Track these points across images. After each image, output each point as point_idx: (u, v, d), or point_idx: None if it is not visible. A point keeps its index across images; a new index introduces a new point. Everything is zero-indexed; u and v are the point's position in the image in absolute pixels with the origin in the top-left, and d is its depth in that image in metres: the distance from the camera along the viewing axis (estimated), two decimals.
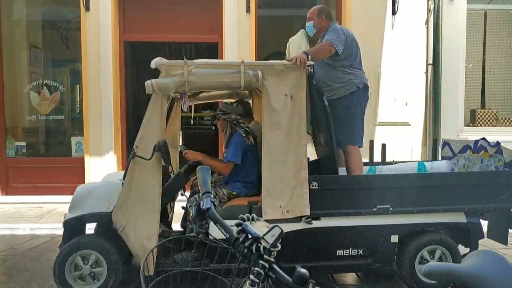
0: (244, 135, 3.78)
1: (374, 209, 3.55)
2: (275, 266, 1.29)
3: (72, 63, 7.45)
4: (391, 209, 3.56)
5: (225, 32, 6.66)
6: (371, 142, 5.18)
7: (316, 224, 3.52)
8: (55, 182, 6.70)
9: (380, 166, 4.30)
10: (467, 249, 3.81)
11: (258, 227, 1.34)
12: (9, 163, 6.86)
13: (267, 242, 1.27)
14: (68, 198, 5.03)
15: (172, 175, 3.83)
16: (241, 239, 1.32)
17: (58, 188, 6.47)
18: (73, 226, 3.59)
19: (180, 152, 3.99)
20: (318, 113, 3.78)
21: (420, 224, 3.69)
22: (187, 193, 3.92)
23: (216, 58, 6.84)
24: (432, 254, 3.71)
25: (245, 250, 1.31)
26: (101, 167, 6.56)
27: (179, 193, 3.78)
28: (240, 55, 6.63)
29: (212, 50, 7.08)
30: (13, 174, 6.85)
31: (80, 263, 3.49)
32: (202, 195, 1.49)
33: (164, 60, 3.45)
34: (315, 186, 3.52)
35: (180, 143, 4.55)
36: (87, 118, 6.65)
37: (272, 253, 1.28)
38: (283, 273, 1.29)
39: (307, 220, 3.49)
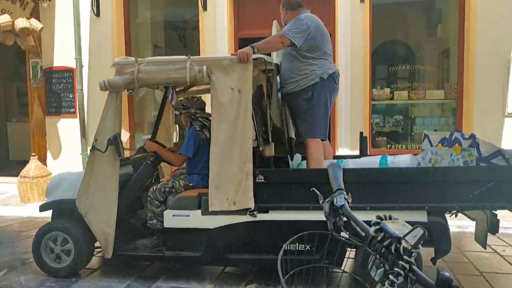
0: (198, 129, 3.87)
1: (322, 204, 3.23)
2: (415, 268, 1.24)
3: None
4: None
5: (338, 23, 6.55)
6: (361, 134, 4.78)
7: (263, 217, 3.52)
8: None
9: (347, 159, 4.05)
10: None
11: (395, 227, 1.29)
12: None
13: (408, 243, 1.23)
14: None
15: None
16: (378, 238, 1.29)
17: None
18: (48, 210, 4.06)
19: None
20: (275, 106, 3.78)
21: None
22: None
23: None
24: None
25: (383, 250, 1.28)
26: None
27: None
28: (353, 46, 6.50)
29: None
30: None
31: (52, 244, 3.92)
32: (335, 191, 1.48)
33: (119, 59, 3.73)
34: (261, 179, 3.50)
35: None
36: None
37: (413, 254, 1.23)
38: (424, 275, 1.23)
39: (250, 213, 3.49)
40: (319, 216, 3.26)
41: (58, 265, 3.93)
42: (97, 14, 7.24)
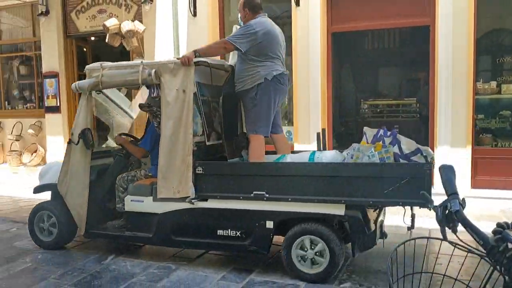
0: (156, 126, 4.33)
1: (251, 195, 3.74)
2: None
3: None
4: (266, 195, 3.70)
5: (438, 13, 6.19)
6: (322, 131, 5.05)
7: (202, 205, 3.93)
8: None
9: (291, 154, 4.30)
10: None
11: None
12: None
13: None
14: None
15: None
16: (500, 248, 1.20)
17: None
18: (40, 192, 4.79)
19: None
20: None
21: (294, 212, 3.70)
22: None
23: (427, 43, 6.45)
24: (311, 243, 3.64)
25: (505, 261, 1.19)
26: None
27: None
28: (455, 36, 6.11)
29: (422, 34, 6.68)
30: None
31: (42, 221, 4.63)
32: (449, 196, 1.40)
33: (89, 65, 4.37)
34: (200, 170, 3.89)
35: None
36: (296, 108, 7.01)
37: None
38: None
39: (188, 201, 3.88)
40: (249, 205, 3.76)
41: (46, 238, 4.64)
42: (194, 14, 7.54)
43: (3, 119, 9.89)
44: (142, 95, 5.26)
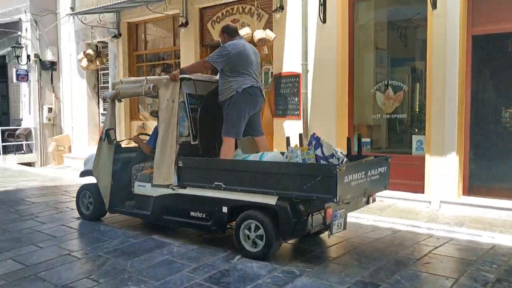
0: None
1: (213, 185, 4.67)
2: None
3: (413, 62, 7.59)
4: (223, 186, 4.61)
5: None
6: (347, 139, 6.01)
7: (181, 191, 4.99)
8: (394, 178, 6.94)
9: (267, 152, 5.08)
10: None
11: None
12: None
13: None
14: (407, 195, 6.88)
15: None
16: None
17: (397, 184, 6.63)
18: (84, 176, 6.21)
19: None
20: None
21: (241, 201, 4.54)
22: None
23: None
24: (256, 227, 4.40)
25: None
26: (442, 166, 6.44)
27: None
28: None
29: None
30: None
31: (84, 198, 6.09)
32: None
33: (113, 80, 5.86)
34: (181, 164, 4.93)
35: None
36: (429, 117, 6.61)
37: None
38: None
39: (171, 187, 5.00)
40: (211, 193, 4.66)
41: (86, 211, 6.09)
42: (323, 21, 7.55)
43: (146, 121, 10.95)
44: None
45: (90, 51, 11.09)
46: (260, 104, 5.34)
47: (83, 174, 6.20)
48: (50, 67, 13.54)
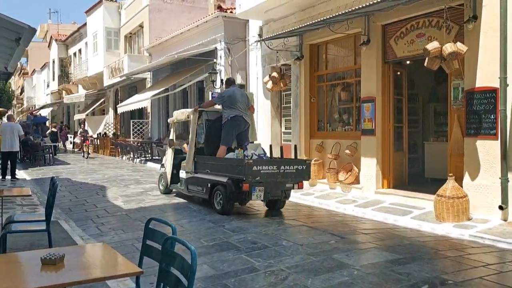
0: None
1: (205, 171, 8.45)
2: None
3: None
4: (208, 171, 8.36)
5: None
6: (295, 147, 9.43)
7: (196, 175, 8.79)
8: None
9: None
10: None
11: None
12: None
13: None
14: None
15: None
16: None
17: None
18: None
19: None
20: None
21: (214, 180, 8.14)
22: None
23: None
24: (218, 194, 8.02)
25: None
26: None
27: None
28: None
29: None
30: None
31: (160, 181, 10.57)
32: None
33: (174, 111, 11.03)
34: (196, 159, 8.84)
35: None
36: None
37: None
38: None
39: (190, 172, 8.92)
40: (205, 176, 8.45)
41: (161, 188, 10.42)
42: None
43: (325, 139, 11.10)
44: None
45: (275, 74, 11.77)
46: (243, 126, 8.78)
47: (161, 166, 10.99)
48: None
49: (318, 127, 11.70)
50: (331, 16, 8.93)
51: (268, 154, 8.56)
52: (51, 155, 19.41)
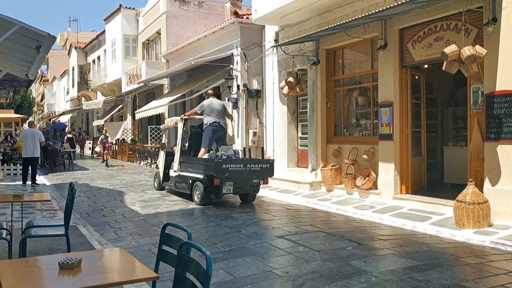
0: None
1: (188, 169, 9.99)
2: None
3: None
4: (190, 170, 9.90)
5: None
6: (263, 149, 12.97)
7: (181, 173, 10.38)
8: None
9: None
10: None
11: None
12: None
13: None
14: None
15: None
16: None
17: None
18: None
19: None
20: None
21: (193, 176, 9.66)
22: None
23: None
24: (197, 189, 9.53)
25: None
26: None
27: None
28: None
29: None
30: None
31: (155, 178, 12.62)
32: None
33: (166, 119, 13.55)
34: (181, 160, 10.47)
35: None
36: None
37: None
38: None
39: (177, 172, 10.53)
40: (187, 174, 10.07)
41: (155, 184, 12.16)
42: None
43: (342, 144, 11.03)
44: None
45: (291, 79, 11.74)
46: (220, 132, 10.27)
47: (156, 167, 11.72)
48: (255, 95, 14.89)
49: (335, 132, 11.63)
50: (347, 20, 8.88)
51: (241, 155, 10.59)
52: (70, 160, 19.67)
